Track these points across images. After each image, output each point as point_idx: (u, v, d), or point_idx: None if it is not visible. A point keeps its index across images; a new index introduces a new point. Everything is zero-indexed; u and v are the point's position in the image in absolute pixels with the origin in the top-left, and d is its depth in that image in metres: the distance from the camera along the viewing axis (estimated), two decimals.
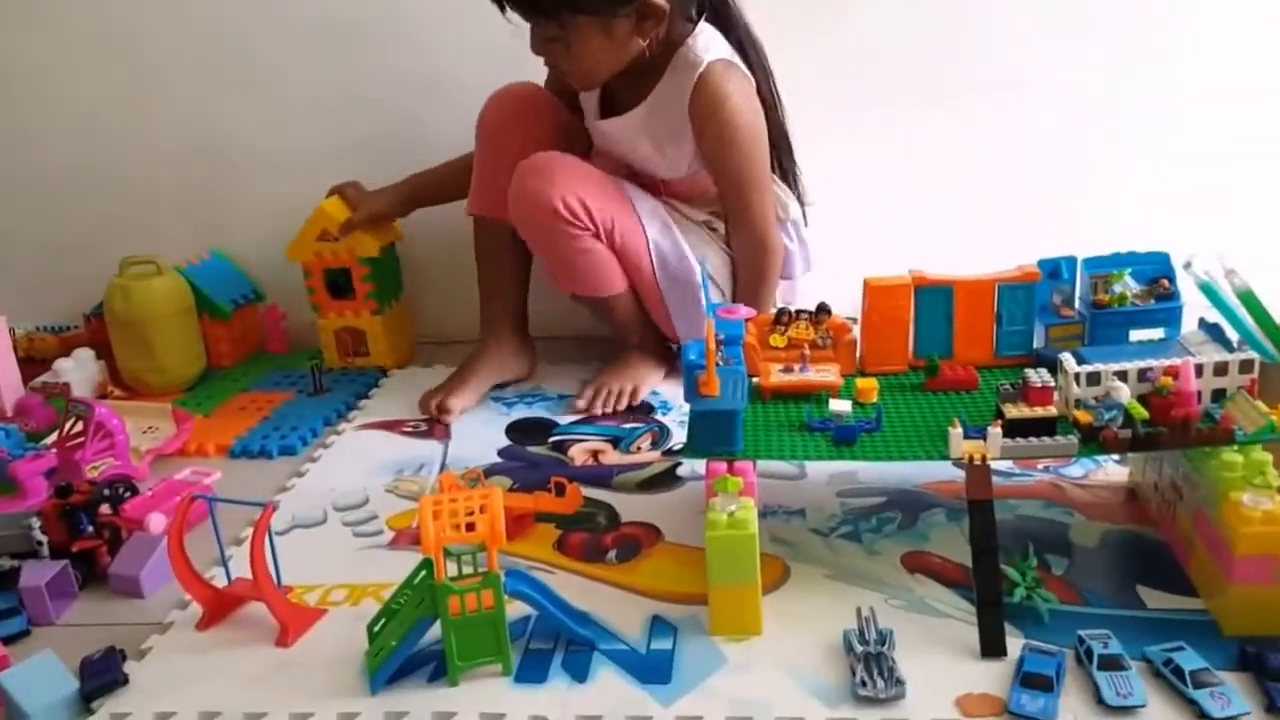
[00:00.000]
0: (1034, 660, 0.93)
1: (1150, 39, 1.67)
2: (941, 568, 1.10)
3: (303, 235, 1.67)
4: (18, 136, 1.86)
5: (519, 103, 1.58)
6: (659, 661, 0.98)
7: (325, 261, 1.67)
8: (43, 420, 1.51)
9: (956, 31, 1.68)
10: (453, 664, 0.96)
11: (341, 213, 1.65)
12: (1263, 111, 1.69)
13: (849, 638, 0.97)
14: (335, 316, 1.71)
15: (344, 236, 1.65)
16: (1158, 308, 1.17)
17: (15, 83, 1.83)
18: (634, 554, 1.16)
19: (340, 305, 1.70)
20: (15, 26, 1.80)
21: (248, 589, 1.06)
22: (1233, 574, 0.95)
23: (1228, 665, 0.92)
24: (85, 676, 0.98)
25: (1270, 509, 0.93)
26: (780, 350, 1.19)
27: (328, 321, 1.71)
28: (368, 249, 1.66)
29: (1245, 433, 0.98)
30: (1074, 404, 1.02)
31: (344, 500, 1.32)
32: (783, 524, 1.18)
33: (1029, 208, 1.74)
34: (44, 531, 1.16)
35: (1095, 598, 1.04)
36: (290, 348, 1.84)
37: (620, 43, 1.42)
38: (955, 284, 1.18)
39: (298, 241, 1.67)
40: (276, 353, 1.84)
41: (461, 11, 1.64)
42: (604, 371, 1.60)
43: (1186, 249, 1.13)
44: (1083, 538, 1.14)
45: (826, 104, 1.68)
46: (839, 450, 1.06)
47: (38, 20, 1.79)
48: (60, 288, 1.86)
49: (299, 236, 1.67)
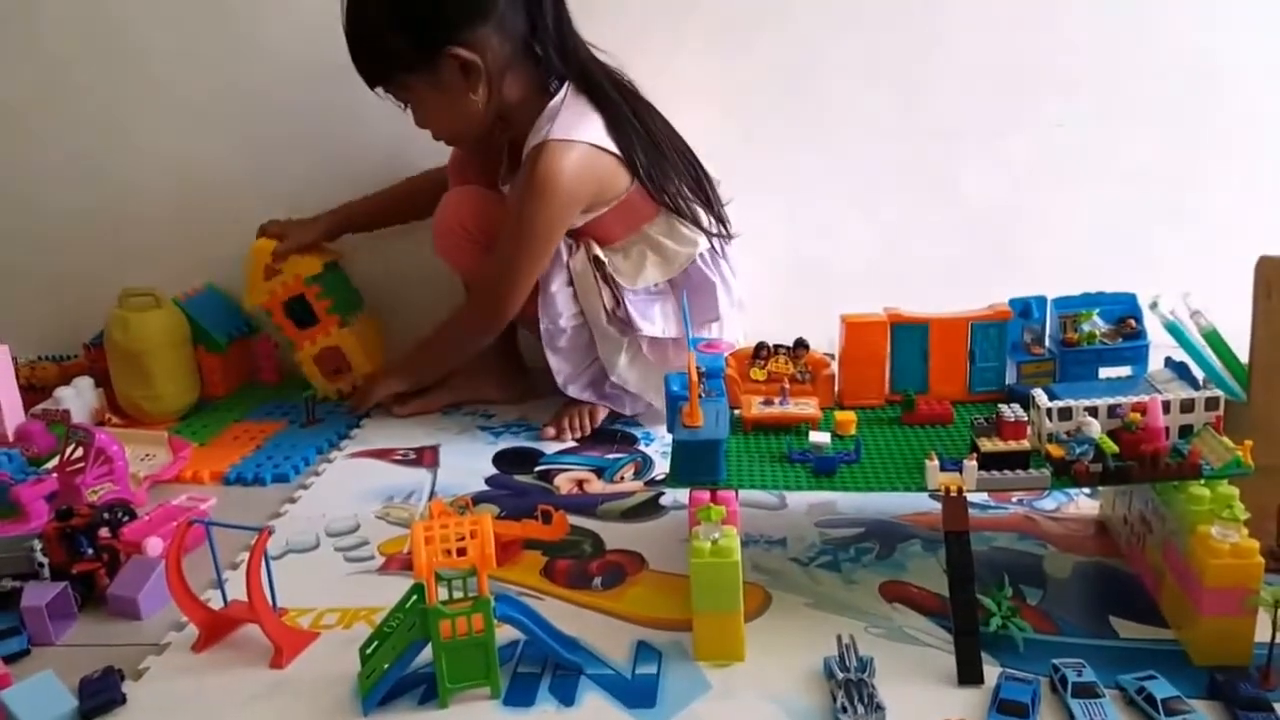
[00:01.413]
0: (1010, 688, 0.95)
1: (1109, 84, 1.72)
2: (919, 597, 1.12)
3: (251, 280, 1.71)
4: (18, 171, 1.89)
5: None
6: (644, 686, 1.00)
7: (278, 295, 1.71)
8: (43, 446, 1.54)
9: (939, 74, 1.74)
10: (443, 686, 0.98)
11: (271, 247, 1.69)
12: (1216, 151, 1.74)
13: (830, 664, 1.00)
14: (309, 344, 1.74)
15: (281, 264, 1.69)
16: (1125, 346, 1.21)
17: (14, 117, 1.86)
18: (619, 581, 1.19)
19: (309, 332, 1.74)
20: (9, 59, 1.83)
21: (243, 611, 1.09)
22: (1202, 606, 0.97)
23: (1198, 694, 0.94)
24: (84, 695, 1.00)
25: (1238, 542, 0.96)
26: (761, 384, 1.23)
27: (304, 351, 1.74)
28: (310, 268, 1.70)
29: (1212, 467, 1.01)
30: (1046, 438, 1.05)
31: (336, 526, 1.34)
32: (764, 553, 1.21)
33: (997, 248, 1.79)
34: (45, 554, 1.18)
35: (1069, 627, 1.06)
36: (282, 379, 1.87)
37: (457, 98, 1.47)
38: (930, 321, 1.22)
39: (250, 288, 1.72)
40: (269, 383, 1.87)
41: None
42: (565, 402, 1.64)
43: (1151, 288, 1.18)
44: (1056, 569, 1.17)
45: (802, 149, 1.76)
46: (819, 481, 1.09)
47: (32, 53, 1.82)
48: (60, 319, 1.90)
49: (249, 283, 1.72)
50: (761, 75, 1.73)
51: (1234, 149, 1.73)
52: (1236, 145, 1.73)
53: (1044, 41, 1.70)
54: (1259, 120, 1.72)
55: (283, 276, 1.70)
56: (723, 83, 1.74)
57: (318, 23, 1.55)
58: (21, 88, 1.85)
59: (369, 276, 1.85)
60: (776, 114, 1.75)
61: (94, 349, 1.79)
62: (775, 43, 1.72)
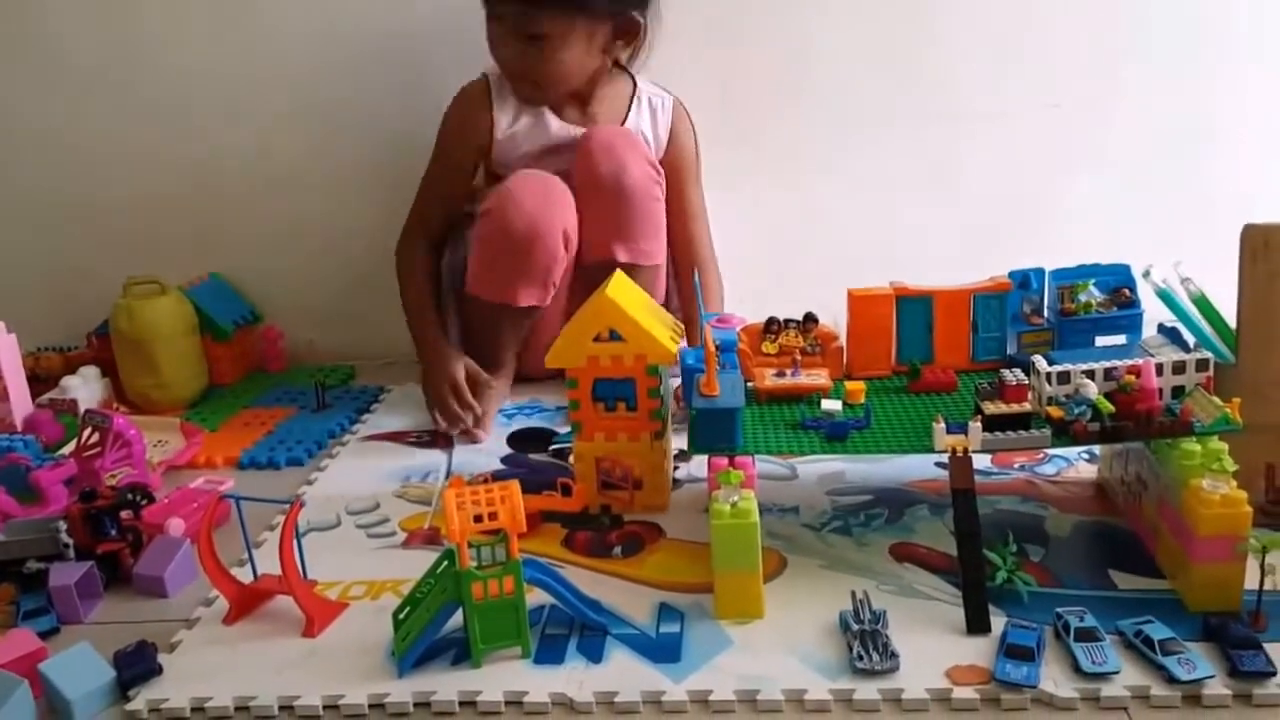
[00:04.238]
0: (1016, 634, 0.98)
1: (1100, 66, 1.79)
2: (927, 556, 1.16)
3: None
4: (17, 166, 1.90)
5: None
6: (669, 643, 1.03)
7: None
8: (52, 435, 1.55)
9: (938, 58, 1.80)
10: (476, 646, 1.01)
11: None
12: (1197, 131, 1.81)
13: (845, 618, 1.03)
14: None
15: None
16: (1120, 314, 1.25)
17: (14, 107, 1.87)
18: (638, 549, 1.22)
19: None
20: (8, 49, 1.84)
21: (273, 584, 1.11)
22: (1195, 554, 1.02)
23: (1193, 636, 0.98)
24: (121, 667, 1.02)
25: (1228, 493, 1.00)
26: (773, 356, 1.27)
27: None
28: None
29: (1203, 424, 1.05)
30: (1046, 401, 1.10)
31: (356, 505, 1.36)
32: (778, 520, 1.25)
33: (1000, 223, 1.84)
34: (69, 535, 1.20)
35: (1071, 580, 1.10)
36: (287, 366, 1.89)
37: (594, 55, 1.52)
38: (935, 294, 1.27)
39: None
40: (275, 371, 1.89)
41: (460, 24, 1.68)
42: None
43: (1144, 259, 1.23)
44: (1057, 528, 1.21)
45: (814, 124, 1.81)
46: (832, 445, 1.13)
47: (32, 42, 1.84)
48: (63, 309, 1.91)
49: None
50: (763, 57, 1.78)
51: (1220, 127, 1.81)
52: (1223, 123, 1.80)
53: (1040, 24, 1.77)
54: (1244, 98, 1.79)
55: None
56: (726, 65, 1.79)
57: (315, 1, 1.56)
58: (21, 78, 1.86)
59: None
60: (779, 96, 1.80)
61: (99, 338, 1.80)
62: (775, 25, 1.77)
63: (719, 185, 1.79)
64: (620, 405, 1.27)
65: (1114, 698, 0.93)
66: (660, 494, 1.30)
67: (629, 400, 1.26)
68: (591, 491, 1.29)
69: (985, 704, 0.93)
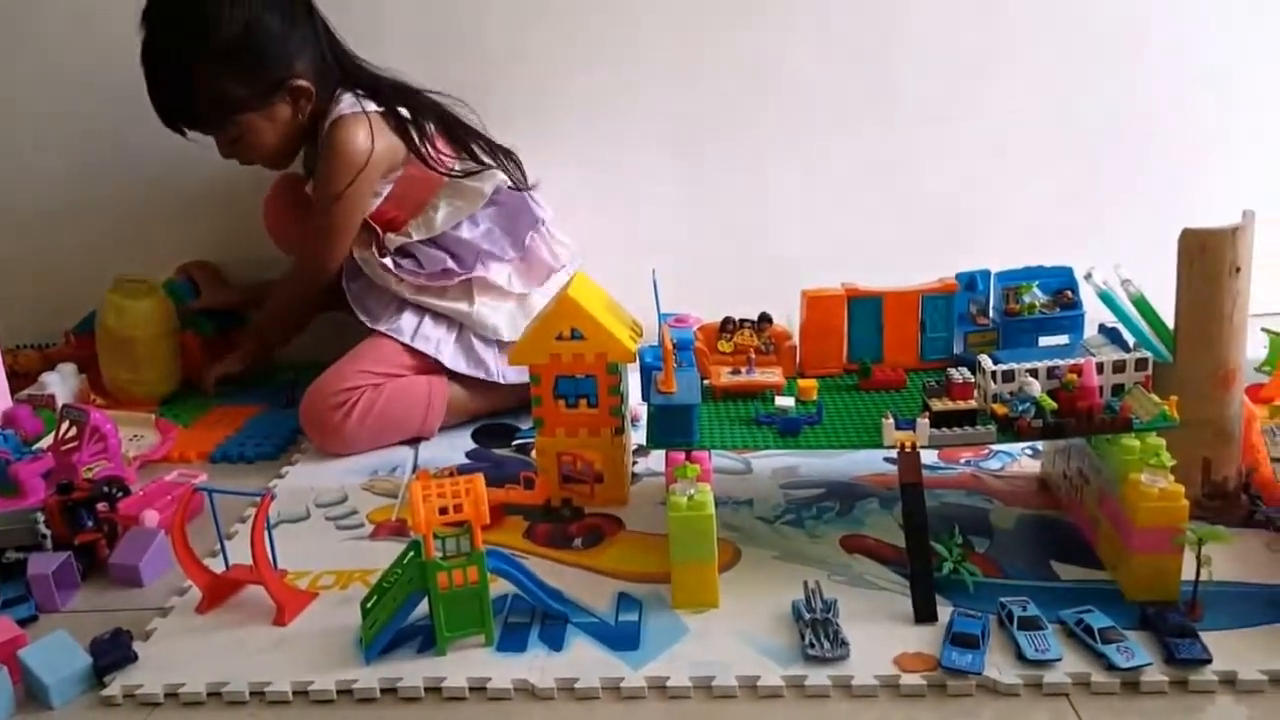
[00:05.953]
0: (962, 622, 1.02)
1: (1043, 72, 1.83)
2: (877, 548, 1.20)
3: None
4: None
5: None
6: (627, 631, 1.07)
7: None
8: (31, 430, 1.58)
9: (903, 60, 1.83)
10: (441, 634, 1.04)
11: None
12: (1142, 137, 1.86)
13: (798, 607, 1.07)
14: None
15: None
16: (1063, 315, 1.29)
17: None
18: (598, 541, 1.26)
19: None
20: None
21: (245, 573, 1.15)
22: (1134, 545, 1.06)
23: (1131, 625, 1.02)
24: (97, 654, 1.04)
25: (1166, 486, 1.04)
26: (728, 355, 1.31)
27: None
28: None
29: (1141, 421, 1.09)
30: (991, 398, 1.14)
31: (325, 498, 1.40)
32: (732, 513, 1.29)
33: (948, 226, 1.88)
34: (47, 526, 1.23)
35: (1014, 571, 1.15)
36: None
37: (285, 124, 1.61)
38: (885, 295, 1.31)
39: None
40: None
41: (445, 10, 1.78)
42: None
43: (1086, 261, 1.27)
44: (1001, 521, 1.26)
45: (763, 136, 1.85)
46: (785, 441, 1.17)
47: (21, 41, 1.85)
48: (40, 307, 1.92)
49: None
50: (725, 64, 1.81)
51: (1158, 135, 1.85)
52: (1160, 131, 1.85)
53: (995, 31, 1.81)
54: (1182, 106, 1.84)
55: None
56: (688, 72, 1.82)
57: None
58: (6, 76, 1.87)
59: None
60: (738, 101, 1.83)
61: (77, 336, 1.83)
62: (732, 29, 1.80)
63: (677, 187, 1.86)
64: (581, 402, 1.31)
65: (1056, 684, 0.97)
66: (620, 487, 1.34)
67: (590, 397, 1.30)
68: (553, 485, 1.33)
69: (932, 690, 0.97)
